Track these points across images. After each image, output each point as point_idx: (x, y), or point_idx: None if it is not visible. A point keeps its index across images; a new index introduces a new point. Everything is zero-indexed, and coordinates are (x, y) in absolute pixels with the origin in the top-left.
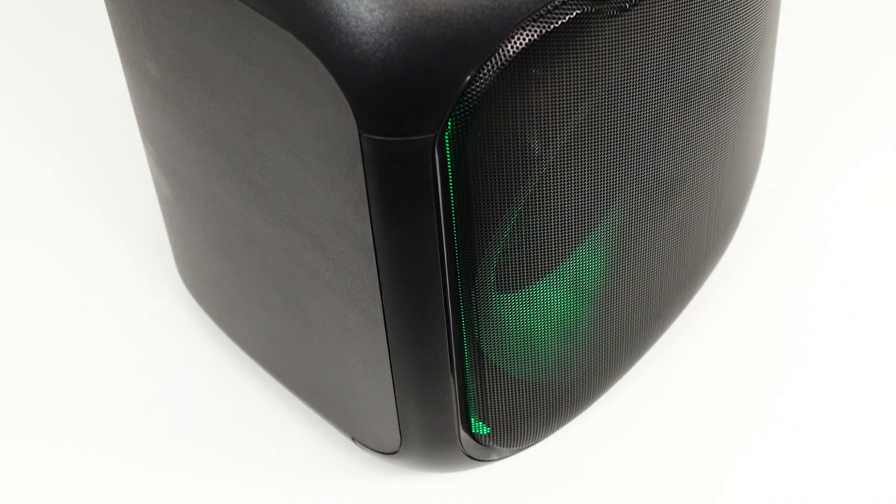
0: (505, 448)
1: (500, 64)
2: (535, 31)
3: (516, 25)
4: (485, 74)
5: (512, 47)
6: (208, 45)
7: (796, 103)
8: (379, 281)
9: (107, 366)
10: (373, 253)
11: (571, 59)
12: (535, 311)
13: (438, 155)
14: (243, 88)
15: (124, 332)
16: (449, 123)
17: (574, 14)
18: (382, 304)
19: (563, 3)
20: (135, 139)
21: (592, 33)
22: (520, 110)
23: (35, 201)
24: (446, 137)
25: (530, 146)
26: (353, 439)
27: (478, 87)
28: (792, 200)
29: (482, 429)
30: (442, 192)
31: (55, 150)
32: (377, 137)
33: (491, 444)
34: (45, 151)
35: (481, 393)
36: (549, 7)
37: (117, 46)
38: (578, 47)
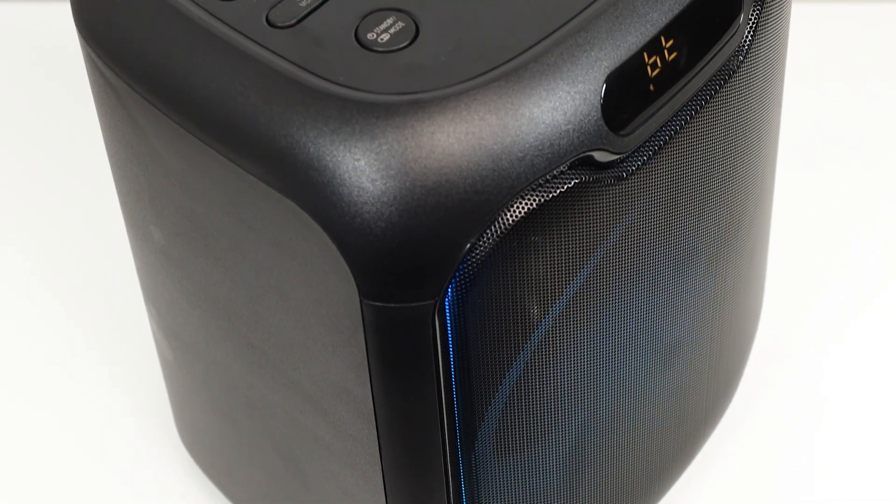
0: None
1: (499, 232)
2: (534, 200)
3: (515, 195)
4: (485, 242)
5: (511, 216)
6: (212, 212)
7: (793, 260)
8: (379, 445)
9: None
10: (373, 417)
11: (570, 226)
12: (535, 473)
13: (438, 321)
14: (246, 254)
15: (124, 493)
16: (449, 290)
17: (572, 183)
18: (382, 469)
19: (562, 172)
20: (137, 300)
21: (591, 201)
22: (519, 276)
23: (37, 358)
24: (446, 304)
25: (529, 311)
26: None
27: (478, 254)
28: (792, 359)
29: None
30: (442, 357)
31: (59, 308)
32: (378, 304)
33: None
34: (49, 309)
35: None
36: (547, 177)
37: (122, 211)
38: (577, 215)
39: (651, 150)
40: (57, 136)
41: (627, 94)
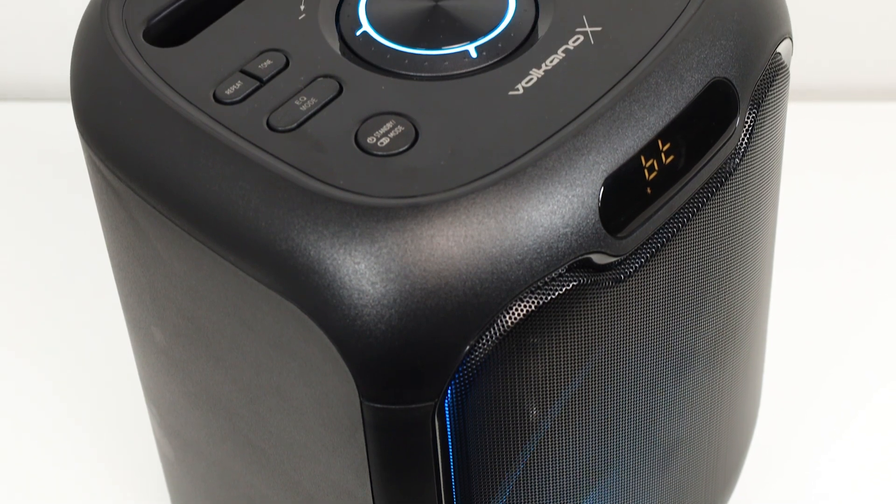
0: None
1: (498, 334)
2: (533, 303)
3: (514, 297)
4: (484, 344)
5: (510, 318)
6: (213, 313)
7: (790, 357)
8: None
9: None
10: None
11: (568, 328)
12: None
13: (438, 422)
14: (247, 355)
15: None
16: (449, 392)
17: (571, 286)
18: None
19: (560, 275)
20: (138, 399)
21: (589, 303)
22: (518, 377)
23: (37, 455)
24: (446, 405)
25: (528, 411)
26: None
27: (477, 356)
28: (790, 456)
29: None
30: (441, 458)
31: (61, 406)
32: (378, 405)
33: None
34: (50, 407)
35: None
36: (546, 279)
37: (123, 311)
38: (575, 316)
39: (649, 252)
40: (59, 234)
41: (625, 197)
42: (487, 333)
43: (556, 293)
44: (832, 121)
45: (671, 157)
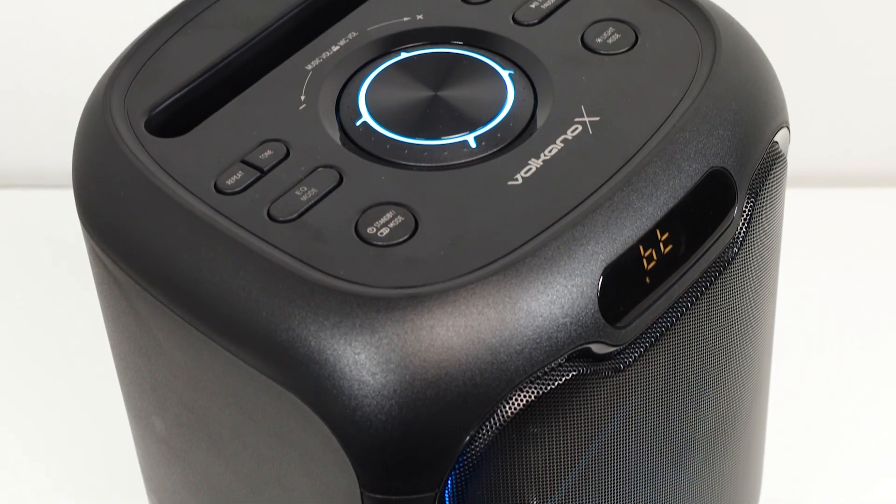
0: None
1: (498, 424)
2: (533, 392)
3: (514, 387)
4: (484, 434)
5: (510, 408)
6: (214, 403)
7: (791, 445)
8: None
9: None
10: None
11: (568, 418)
12: None
13: None
14: (248, 445)
15: None
16: (449, 482)
17: (570, 375)
18: None
19: (560, 365)
20: (139, 489)
21: (589, 393)
22: (518, 467)
23: None
24: (446, 495)
25: (528, 501)
26: None
27: (477, 446)
28: None
29: None
30: None
31: (62, 496)
32: (379, 496)
33: None
34: (50, 497)
35: None
36: (545, 369)
37: (124, 401)
38: (575, 406)
39: (648, 342)
40: (61, 322)
41: (624, 286)
42: (487, 423)
43: (556, 383)
44: (830, 207)
45: (670, 247)
